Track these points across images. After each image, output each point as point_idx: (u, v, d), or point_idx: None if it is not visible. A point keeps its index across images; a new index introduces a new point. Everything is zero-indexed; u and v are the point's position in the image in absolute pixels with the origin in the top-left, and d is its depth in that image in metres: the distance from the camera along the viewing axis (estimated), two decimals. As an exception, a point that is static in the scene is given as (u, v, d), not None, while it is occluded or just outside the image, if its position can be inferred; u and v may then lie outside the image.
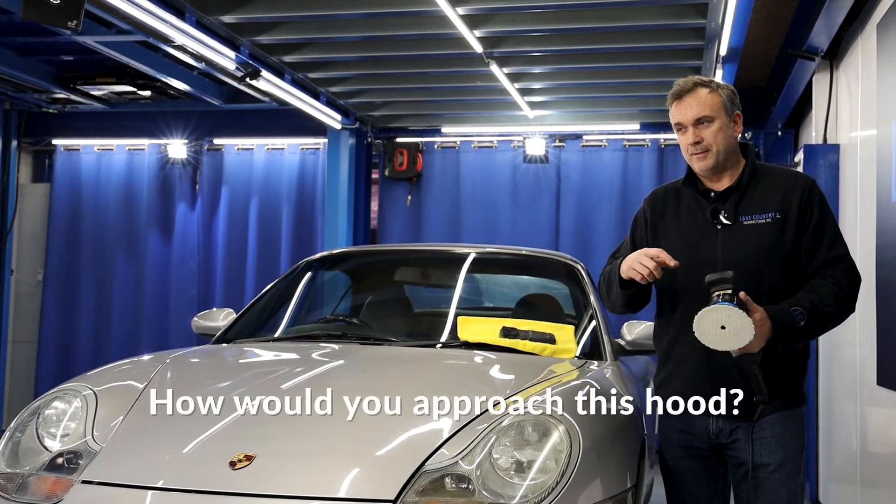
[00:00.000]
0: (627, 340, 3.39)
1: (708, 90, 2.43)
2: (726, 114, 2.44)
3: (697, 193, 2.51)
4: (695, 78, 2.47)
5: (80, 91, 7.31)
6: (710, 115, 2.42)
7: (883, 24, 3.82)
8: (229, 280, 8.30)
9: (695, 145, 2.43)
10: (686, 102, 2.44)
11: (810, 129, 5.66)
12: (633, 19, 5.25)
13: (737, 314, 2.17)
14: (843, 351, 4.79)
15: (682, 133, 2.47)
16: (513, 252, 4.30)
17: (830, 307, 2.35)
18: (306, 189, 8.32)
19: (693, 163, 2.47)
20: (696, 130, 2.43)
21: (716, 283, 2.23)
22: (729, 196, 2.46)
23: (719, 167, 2.46)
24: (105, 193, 8.59)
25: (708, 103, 2.43)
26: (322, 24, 5.57)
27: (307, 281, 4.04)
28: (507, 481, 2.24)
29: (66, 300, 8.53)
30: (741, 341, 2.18)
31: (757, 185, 2.46)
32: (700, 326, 2.20)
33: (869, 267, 3.94)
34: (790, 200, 2.42)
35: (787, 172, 2.55)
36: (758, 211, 2.43)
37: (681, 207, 2.54)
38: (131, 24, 4.99)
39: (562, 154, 7.97)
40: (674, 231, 2.54)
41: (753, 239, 2.41)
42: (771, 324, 2.25)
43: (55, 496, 2.30)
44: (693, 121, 2.43)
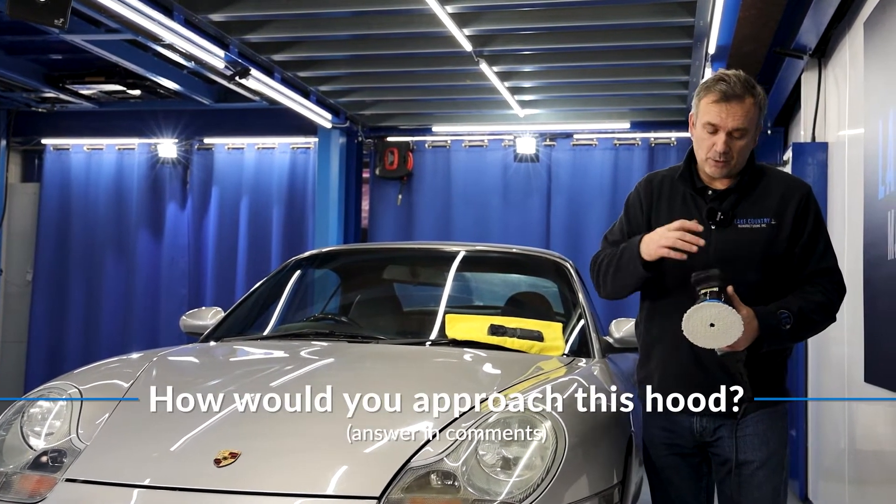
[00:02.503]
0: (616, 338, 3.39)
1: (753, 100, 2.33)
2: (756, 127, 2.39)
3: (694, 190, 2.48)
4: (744, 79, 2.33)
5: (70, 90, 7.29)
6: (747, 129, 2.35)
7: (870, 23, 3.83)
8: (220, 280, 8.29)
9: (722, 154, 2.35)
10: (732, 108, 2.31)
11: (799, 127, 5.68)
12: (623, 18, 5.26)
13: (726, 311, 2.17)
14: (830, 349, 4.80)
15: (711, 134, 2.35)
16: (502, 250, 4.30)
17: (817, 315, 2.36)
18: (297, 188, 8.32)
19: (708, 165, 2.39)
20: (729, 141, 2.34)
21: (702, 281, 2.23)
22: (727, 197, 2.43)
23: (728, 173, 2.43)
24: (95, 193, 8.57)
25: (750, 116, 2.33)
26: (311, 22, 5.57)
27: (296, 279, 4.03)
28: (492, 478, 2.24)
29: (55, 300, 8.51)
30: (730, 338, 2.18)
31: (755, 188, 2.44)
32: (689, 324, 2.19)
33: (856, 265, 3.95)
34: (786, 207, 2.41)
35: (786, 178, 2.53)
36: (754, 215, 2.41)
37: (675, 200, 2.50)
38: (120, 22, 4.98)
39: (552, 153, 7.98)
40: (666, 223, 2.48)
41: (746, 243, 2.39)
42: (758, 323, 2.25)
43: (39, 495, 2.28)
44: (731, 129, 2.33)
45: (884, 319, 3.49)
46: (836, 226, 4.71)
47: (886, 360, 3.50)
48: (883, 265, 3.46)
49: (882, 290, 3.53)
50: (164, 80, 6.72)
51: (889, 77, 3.51)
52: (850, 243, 4.26)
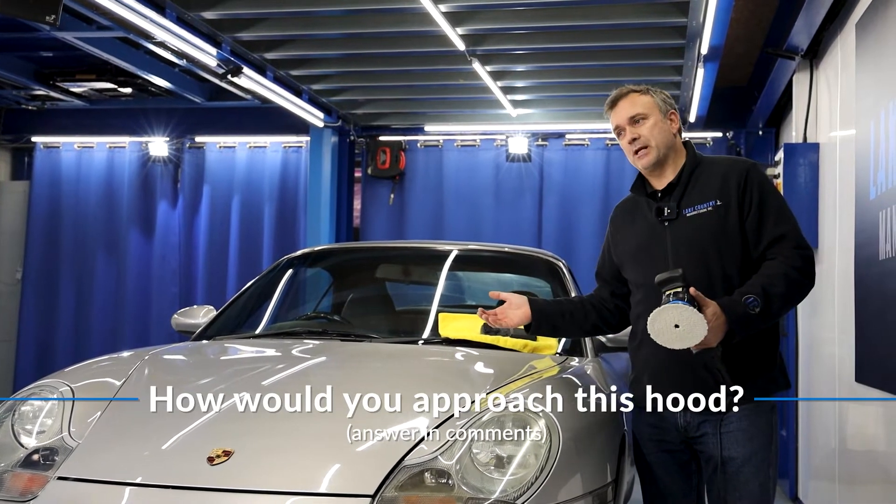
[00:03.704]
0: (608, 337, 3.39)
1: (638, 93, 2.52)
2: (660, 111, 2.51)
3: (646, 196, 2.55)
4: (627, 87, 2.56)
5: (60, 88, 7.25)
6: (644, 113, 2.49)
7: (862, 24, 3.85)
8: (211, 279, 8.27)
9: (633, 142, 2.49)
10: (620, 106, 2.53)
11: (791, 128, 5.70)
12: (615, 18, 5.27)
13: (688, 311, 2.17)
14: (821, 348, 4.82)
15: (622, 137, 2.54)
16: (495, 249, 4.31)
17: (781, 287, 2.31)
18: (289, 187, 8.30)
19: (637, 162, 2.53)
20: (632, 129, 2.50)
21: (666, 283, 2.23)
22: (671, 192, 2.50)
23: (661, 162, 2.50)
24: (85, 191, 8.52)
25: (639, 103, 2.51)
26: (304, 20, 5.55)
27: (288, 278, 4.02)
28: (486, 476, 2.24)
29: (45, 299, 8.46)
30: (696, 338, 2.18)
31: (699, 177, 2.49)
32: (654, 328, 2.20)
33: (848, 265, 3.97)
34: (729, 186, 2.43)
35: (727, 160, 2.59)
36: (698, 201, 2.45)
37: (636, 213, 2.59)
38: (111, 19, 4.96)
39: (544, 153, 7.99)
40: (629, 236, 2.59)
41: (697, 229, 2.43)
42: (725, 316, 2.24)
43: (30, 493, 2.27)
44: (628, 120, 2.50)
45: (875, 319, 3.50)
46: (828, 226, 4.73)
47: (877, 359, 3.52)
48: (874, 265, 3.47)
49: (873, 290, 3.54)
50: (155, 78, 6.69)
51: (881, 78, 3.52)
52: (842, 243, 4.28)
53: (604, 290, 2.70)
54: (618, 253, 2.62)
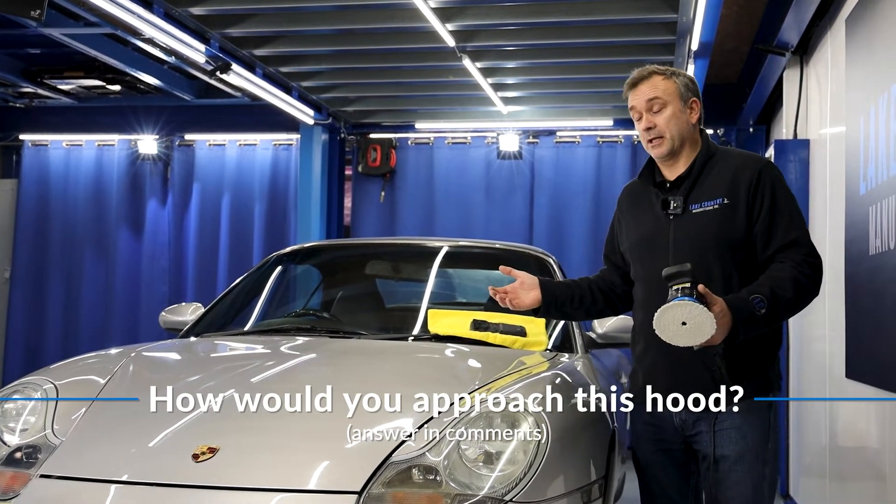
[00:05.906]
0: (599, 333, 3.38)
1: (662, 77, 2.42)
2: (681, 99, 2.42)
3: (654, 185, 2.48)
4: (651, 67, 2.45)
5: (48, 85, 7.20)
6: (662, 99, 2.40)
7: (851, 20, 3.84)
8: (201, 277, 8.23)
9: (647, 131, 2.42)
10: (640, 89, 2.43)
11: (781, 124, 5.70)
12: (606, 14, 5.26)
13: (697, 310, 2.10)
14: (812, 345, 4.82)
15: (638, 120, 2.45)
16: (485, 245, 4.28)
17: (790, 292, 2.27)
18: (279, 185, 8.27)
19: (650, 150, 2.46)
20: (649, 117, 2.41)
21: (673, 277, 2.15)
22: (681, 185, 2.42)
23: (675, 154, 2.43)
24: (74, 189, 8.48)
25: (661, 87, 2.41)
26: (293, 16, 5.53)
27: (277, 275, 4.00)
28: (474, 472, 2.22)
29: (34, 297, 8.41)
30: (702, 337, 2.11)
31: (710, 171, 2.42)
32: (660, 324, 2.13)
33: (838, 261, 3.97)
34: (739, 183, 2.36)
35: (741, 155, 2.49)
36: (706, 198, 2.38)
37: (641, 201, 2.52)
38: (98, 15, 4.91)
39: (535, 150, 7.98)
40: (632, 225, 2.52)
41: (701, 227, 2.36)
42: (731, 315, 2.19)
43: (12, 491, 2.25)
44: (645, 104, 2.41)
45: (865, 315, 3.50)
46: (818, 222, 4.73)
47: (867, 355, 3.51)
48: (864, 261, 3.47)
49: (863, 286, 3.54)
50: (144, 75, 6.65)
51: (870, 74, 3.52)
52: (832, 239, 4.28)
53: (613, 274, 2.62)
54: (621, 239, 2.57)
